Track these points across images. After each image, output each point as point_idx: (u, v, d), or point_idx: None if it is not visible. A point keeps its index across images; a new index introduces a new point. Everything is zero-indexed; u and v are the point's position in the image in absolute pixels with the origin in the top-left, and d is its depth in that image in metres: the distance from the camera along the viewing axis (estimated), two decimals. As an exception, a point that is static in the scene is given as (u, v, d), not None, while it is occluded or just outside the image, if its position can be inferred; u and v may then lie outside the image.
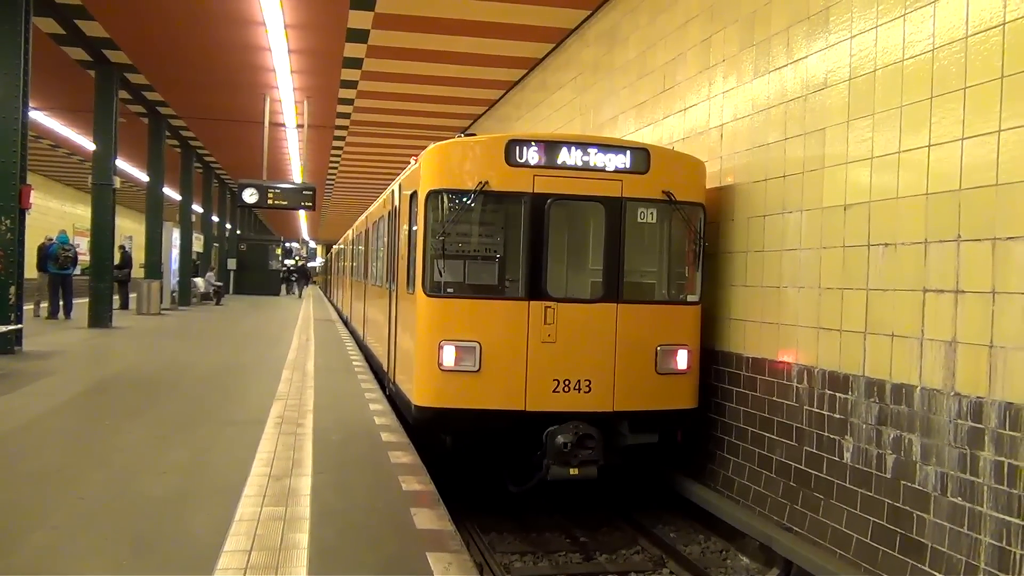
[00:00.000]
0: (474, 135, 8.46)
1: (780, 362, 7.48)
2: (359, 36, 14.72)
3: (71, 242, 20.23)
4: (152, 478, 6.02)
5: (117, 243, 20.83)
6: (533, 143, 7.83)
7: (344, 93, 19.22)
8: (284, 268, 50.04)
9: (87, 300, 18.51)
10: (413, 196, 8.52)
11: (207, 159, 32.66)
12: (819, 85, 7.11)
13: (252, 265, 40.45)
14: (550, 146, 7.86)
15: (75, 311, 19.60)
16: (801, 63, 7.39)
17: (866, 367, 6.35)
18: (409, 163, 9.54)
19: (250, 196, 17.46)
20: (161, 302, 23.70)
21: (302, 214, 53.69)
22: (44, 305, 19.94)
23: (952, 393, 5.52)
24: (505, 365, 7.63)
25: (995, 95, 5.28)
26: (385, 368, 10.73)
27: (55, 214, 39.93)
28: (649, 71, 10.59)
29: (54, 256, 19.26)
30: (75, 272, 20.00)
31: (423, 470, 6.48)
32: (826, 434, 6.81)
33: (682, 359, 8.00)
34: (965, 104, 5.53)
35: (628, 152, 7.99)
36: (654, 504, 8.91)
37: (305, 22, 14.21)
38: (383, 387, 10.64)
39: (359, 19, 13.81)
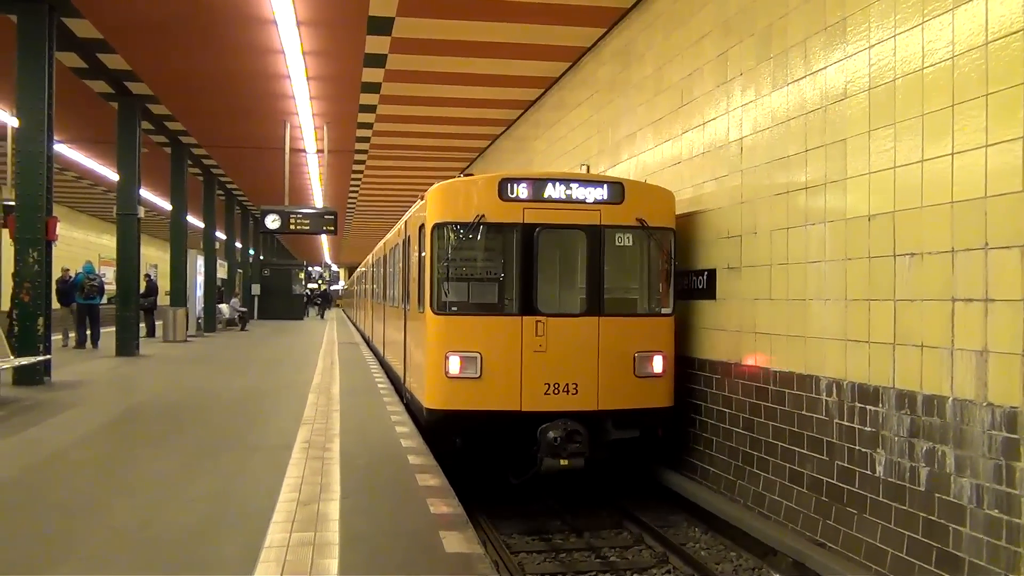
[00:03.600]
0: (471, 175, 9.77)
1: (809, 375, 7.40)
2: (376, 61, 14.84)
3: (96, 271, 20.42)
4: (181, 506, 6.03)
5: (142, 272, 21.00)
6: (522, 180, 9.04)
7: (363, 117, 19.36)
8: (308, 292, 50.37)
9: (114, 329, 18.72)
10: (421, 228, 9.74)
11: (229, 186, 32.97)
12: (839, 96, 7.07)
13: (276, 290, 40.71)
14: (537, 183, 9.06)
15: (102, 340, 19.82)
16: (819, 74, 7.36)
17: (896, 379, 6.27)
18: (417, 199, 10.99)
19: (272, 222, 17.63)
20: (187, 329, 23.91)
21: (324, 238, 54.07)
22: (72, 335, 20.15)
23: (985, 403, 5.44)
24: (503, 372, 8.78)
25: (1018, 100, 5.23)
26: (402, 379, 11.90)
27: (80, 244, 40.38)
28: (666, 87, 10.58)
29: (80, 286, 19.50)
30: (102, 302, 20.21)
31: (451, 492, 6.46)
32: (857, 448, 6.72)
33: (657, 364, 9.09)
34: (987, 111, 5.47)
35: (605, 186, 9.15)
36: (641, 496, 9.78)
37: (323, 49, 14.35)
38: (400, 396, 11.64)
39: (376, 44, 13.93)
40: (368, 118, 19.39)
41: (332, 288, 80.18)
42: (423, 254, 9.51)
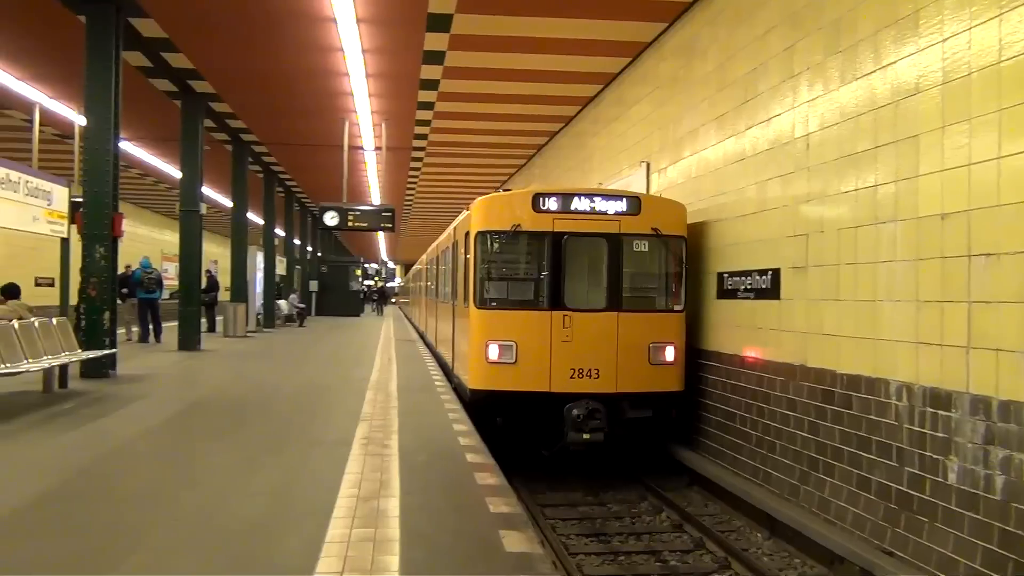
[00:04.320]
0: (510, 190, 11.81)
1: (878, 379, 7.25)
2: (435, 58, 14.93)
3: (152, 266, 20.87)
4: (243, 499, 6.15)
5: (204, 267, 21.45)
6: (553, 195, 10.68)
7: (421, 114, 19.51)
8: (365, 289, 50.89)
9: (176, 324, 19.14)
10: (467, 234, 11.33)
11: (288, 183, 33.51)
12: (910, 91, 6.91)
13: (334, 286, 41.35)
14: (565, 196, 10.68)
15: (164, 334, 20.30)
16: (890, 68, 7.20)
17: (970, 383, 6.11)
18: (464, 210, 12.70)
19: (331, 219, 17.80)
20: (247, 324, 24.36)
21: (381, 235, 54.63)
22: (136, 330, 20.67)
23: (1066, 410, 5.27)
24: (535, 358, 10.43)
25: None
26: (451, 366, 13.92)
27: (144, 240, 41.38)
28: (729, 83, 10.46)
29: (139, 281, 20.00)
30: (163, 296, 20.67)
31: (510, 491, 6.47)
32: (928, 454, 6.57)
33: (669, 353, 10.62)
34: (1072, 105, 5.30)
35: (624, 199, 10.76)
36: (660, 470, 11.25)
37: (382, 46, 14.48)
38: (450, 381, 13.40)
39: (435, 41, 14.02)
40: (426, 115, 19.54)
41: (388, 285, 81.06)
42: (468, 257, 11.17)
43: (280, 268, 34.10)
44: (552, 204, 10.63)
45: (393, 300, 72.63)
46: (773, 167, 9.28)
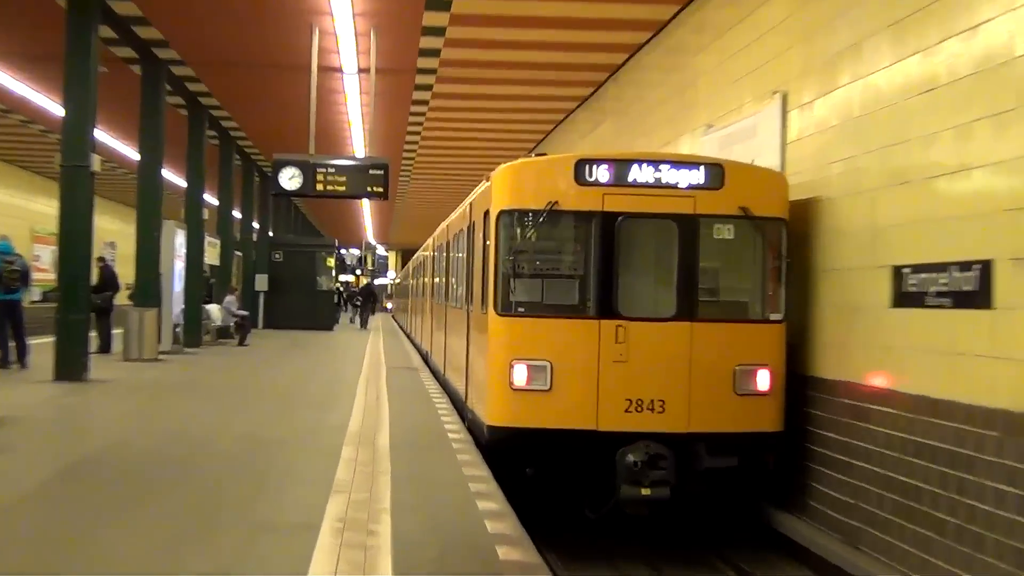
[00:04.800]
0: (544, 155, 12.52)
1: None
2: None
3: (15, 252, 20.86)
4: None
5: (95, 253, 21.45)
6: (603, 161, 11.47)
7: (431, 18, 19.36)
8: (342, 287, 50.96)
9: (52, 339, 19.11)
10: (485, 215, 12.25)
11: (226, 124, 33.74)
12: None
13: (293, 284, 41.81)
14: (620, 164, 11.46)
15: (32, 355, 20.30)
16: None
17: None
18: (483, 180, 13.48)
19: (290, 179, 17.97)
20: (159, 342, 24.35)
21: (367, 206, 54.62)
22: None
23: None
24: (577, 384, 11.22)
25: None
26: (463, 397, 14.80)
27: (3, 211, 41.59)
28: (913, -32, 10.32)
29: (-7, 275, 19.92)
30: (28, 296, 20.57)
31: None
32: None
33: (763, 380, 11.39)
34: None
35: (702, 168, 11.57)
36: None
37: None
38: (462, 418, 14.46)
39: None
40: (439, 19, 19.39)
41: (377, 282, 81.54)
42: (487, 244, 12.10)
43: (211, 255, 34.13)
44: (602, 174, 11.37)
45: (387, 307, 72.86)
46: (982, 102, 9.12)
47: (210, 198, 34.37)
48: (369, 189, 18.34)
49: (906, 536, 9.96)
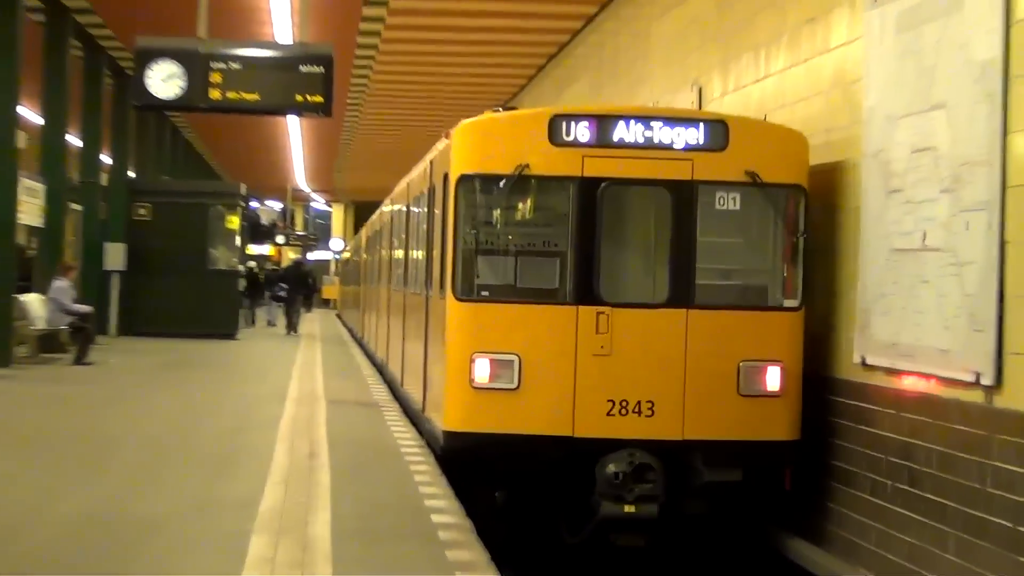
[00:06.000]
0: (514, 108, 11.63)
1: None
2: None
3: None
4: None
5: None
6: (583, 117, 10.95)
7: None
8: (253, 266, 45.57)
9: None
10: (445, 179, 11.73)
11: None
12: None
13: (169, 260, 31.51)
14: (604, 120, 10.94)
15: None
16: None
17: None
18: (442, 138, 13.08)
19: (165, 81, 14.51)
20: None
21: (298, 132, 43.05)
22: None
23: None
24: (549, 382, 10.70)
25: None
26: (421, 407, 13.93)
27: None
28: None
29: None
30: None
31: None
32: None
33: (773, 378, 10.81)
34: None
35: (701, 125, 11.05)
36: None
37: None
38: (420, 432, 13.97)
39: None
40: None
41: (314, 257, 74.45)
42: (446, 215, 11.46)
43: (29, 211, 24.72)
44: (582, 132, 10.86)
45: (331, 303, 65.71)
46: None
47: (31, 114, 27.72)
48: (300, 99, 14.50)
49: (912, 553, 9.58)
